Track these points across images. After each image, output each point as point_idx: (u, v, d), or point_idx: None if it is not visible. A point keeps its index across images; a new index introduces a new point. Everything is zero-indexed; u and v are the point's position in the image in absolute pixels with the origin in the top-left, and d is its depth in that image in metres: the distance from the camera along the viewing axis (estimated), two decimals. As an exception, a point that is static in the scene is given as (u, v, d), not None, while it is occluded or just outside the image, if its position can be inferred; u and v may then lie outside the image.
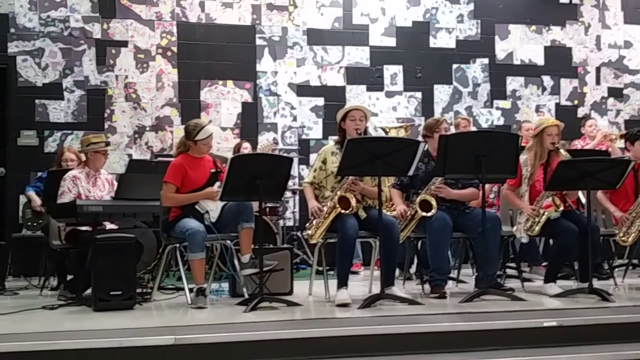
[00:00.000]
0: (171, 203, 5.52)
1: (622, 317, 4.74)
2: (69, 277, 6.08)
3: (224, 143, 8.88)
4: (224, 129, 9.01)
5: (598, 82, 10.09)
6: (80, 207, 5.41)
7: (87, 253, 5.40)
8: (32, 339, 4.07)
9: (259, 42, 9.21)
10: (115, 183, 6.14)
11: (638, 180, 6.18)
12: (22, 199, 7.68)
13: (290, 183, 7.04)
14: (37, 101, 8.59)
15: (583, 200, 6.29)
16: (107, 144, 6.22)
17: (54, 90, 8.63)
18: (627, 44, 10.19)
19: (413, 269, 6.69)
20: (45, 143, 8.55)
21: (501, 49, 9.85)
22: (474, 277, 6.03)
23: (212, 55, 9.06)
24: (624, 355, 4.34)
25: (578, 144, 8.36)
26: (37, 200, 6.96)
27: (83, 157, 6.26)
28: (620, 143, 8.40)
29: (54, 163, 7.06)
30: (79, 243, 5.84)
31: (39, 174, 7.54)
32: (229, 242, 5.55)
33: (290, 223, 8.67)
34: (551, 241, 6.30)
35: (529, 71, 9.89)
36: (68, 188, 5.90)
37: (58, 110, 8.63)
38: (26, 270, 7.12)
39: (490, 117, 9.77)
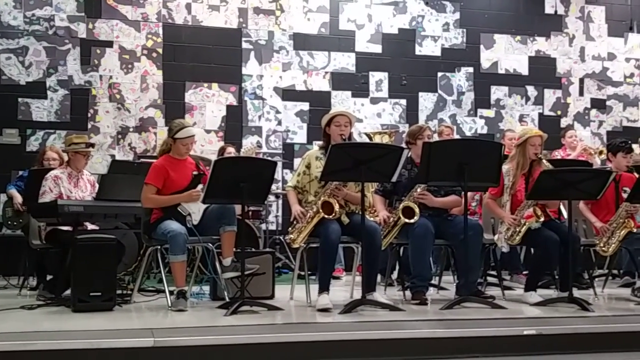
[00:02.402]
0: (151, 204, 5.49)
1: (601, 326, 4.78)
2: (49, 277, 6.03)
3: (207, 145, 8.87)
4: (208, 131, 8.99)
5: (581, 93, 10.17)
6: (61, 207, 5.36)
7: (67, 253, 5.37)
8: (10, 339, 4.03)
9: (245, 45, 9.21)
10: (97, 185, 6.11)
11: (619, 191, 6.23)
12: (3, 198, 7.61)
13: (273, 187, 7.03)
14: (20, 99, 8.53)
15: (564, 211, 6.33)
16: (89, 145, 6.17)
17: (38, 89, 8.58)
18: (611, 56, 10.29)
19: (395, 275, 6.70)
20: (28, 142, 8.50)
21: (486, 58, 9.91)
22: (455, 284, 6.05)
23: (198, 57, 9.04)
24: (603, 365, 4.38)
25: (558, 155, 8.41)
26: (18, 197, 6.89)
27: (65, 157, 6.22)
28: (599, 158, 8.48)
29: (35, 162, 7.00)
30: (59, 243, 5.80)
31: (21, 172, 7.48)
32: (210, 244, 5.53)
33: (272, 227, 8.66)
34: (532, 250, 6.33)
35: (513, 81, 9.96)
36: (49, 188, 5.86)
37: (41, 109, 8.58)
38: (5, 269, 7.04)
39: (474, 126, 9.82)
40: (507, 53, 9.99)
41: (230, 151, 7.81)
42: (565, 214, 6.17)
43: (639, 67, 10.38)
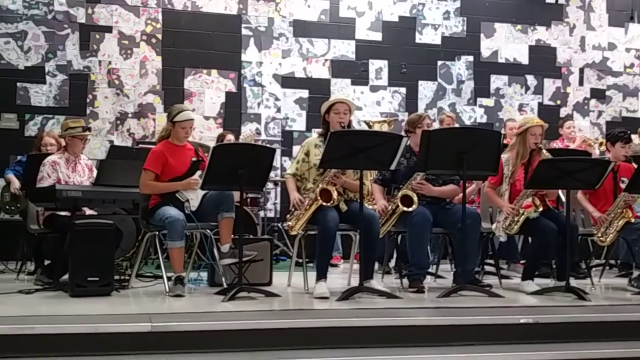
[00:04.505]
0: (149, 190, 5.48)
1: (598, 315, 4.79)
2: (46, 262, 6.03)
3: (206, 132, 8.86)
4: (207, 118, 8.98)
5: (581, 83, 10.16)
6: (59, 192, 5.35)
7: (65, 238, 5.37)
8: (7, 323, 4.04)
9: (244, 32, 9.18)
10: (95, 169, 6.10)
11: (617, 181, 6.22)
12: (1, 182, 7.60)
13: (272, 174, 7.03)
14: (18, 84, 8.52)
15: (563, 198, 6.32)
16: (86, 129, 6.16)
17: (36, 74, 8.56)
18: (611, 46, 10.27)
19: (392, 263, 6.71)
20: (26, 127, 8.49)
21: (486, 47, 9.89)
22: (452, 272, 6.06)
23: (197, 43, 9.01)
24: (599, 354, 4.37)
25: (556, 145, 8.39)
26: (16, 183, 6.89)
27: (63, 142, 6.21)
28: (599, 150, 8.49)
29: (33, 147, 7.00)
30: (57, 228, 5.80)
31: (19, 157, 7.48)
32: (208, 231, 5.53)
33: (271, 214, 8.67)
34: (530, 239, 6.34)
35: (513, 70, 9.95)
36: (47, 173, 5.86)
37: (40, 94, 8.56)
38: (3, 254, 7.04)
39: (473, 115, 9.81)
40: (508, 42, 9.96)
41: (230, 138, 7.80)
42: (563, 196, 6.17)
43: (639, 58, 10.37)
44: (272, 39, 9.26)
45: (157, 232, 5.54)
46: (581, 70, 10.17)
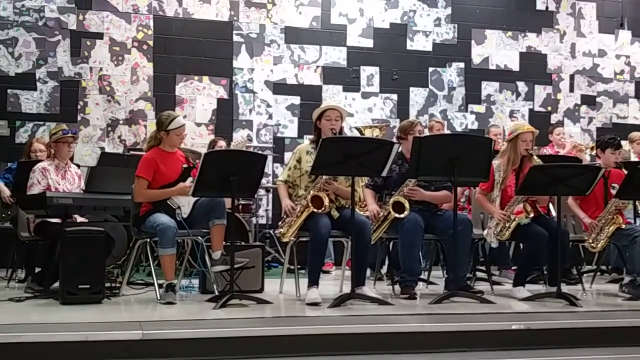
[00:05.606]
0: (144, 199, 5.46)
1: (589, 321, 4.81)
2: (37, 270, 6.00)
3: (198, 139, 8.85)
4: (198, 124, 8.97)
5: (572, 90, 10.20)
6: (50, 199, 5.33)
7: (56, 246, 5.35)
8: (-3, 331, 4.03)
9: (236, 38, 9.19)
10: (84, 179, 6.09)
11: (608, 187, 6.25)
12: (-10, 190, 7.57)
13: (264, 181, 7.03)
14: (9, 91, 8.48)
15: (552, 210, 6.34)
16: (68, 132, 6.07)
17: (27, 81, 8.53)
18: (601, 53, 10.32)
19: (384, 270, 6.71)
20: (17, 134, 8.45)
21: (477, 54, 9.92)
22: (444, 279, 6.07)
23: (189, 50, 9.00)
24: (590, 360, 4.40)
25: (546, 152, 8.42)
26: (6, 191, 6.85)
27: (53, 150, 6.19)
28: (589, 154, 8.52)
29: (23, 154, 6.97)
30: (48, 235, 5.77)
31: (9, 164, 7.44)
32: (200, 238, 5.52)
33: (262, 221, 8.65)
34: (521, 245, 6.35)
35: (504, 76, 9.98)
36: (37, 180, 5.84)
37: (30, 101, 8.53)
38: (-7, 261, 7.02)
39: (464, 121, 9.83)
40: (498, 49, 10.00)
41: (221, 145, 7.79)
42: (553, 210, 6.19)
43: (629, 64, 10.42)
44: (264, 45, 9.26)
45: (148, 239, 5.52)
46: (572, 77, 10.21)
